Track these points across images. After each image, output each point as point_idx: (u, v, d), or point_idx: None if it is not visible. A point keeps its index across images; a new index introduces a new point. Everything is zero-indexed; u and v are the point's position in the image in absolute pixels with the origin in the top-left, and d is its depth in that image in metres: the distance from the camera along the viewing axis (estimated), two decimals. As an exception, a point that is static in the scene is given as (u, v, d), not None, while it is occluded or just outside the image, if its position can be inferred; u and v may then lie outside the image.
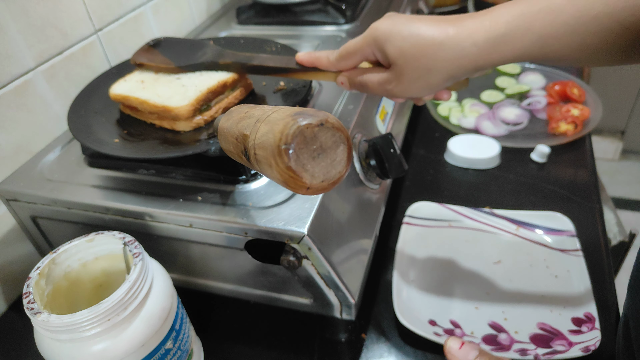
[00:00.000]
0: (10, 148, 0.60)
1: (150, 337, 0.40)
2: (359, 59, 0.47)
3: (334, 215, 0.49)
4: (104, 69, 0.73)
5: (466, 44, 0.40)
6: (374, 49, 0.45)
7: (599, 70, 1.92)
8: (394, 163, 0.54)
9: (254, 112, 0.37)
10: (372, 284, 0.59)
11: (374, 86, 0.47)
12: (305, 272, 0.48)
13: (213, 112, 0.56)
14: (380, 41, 0.43)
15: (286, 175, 0.32)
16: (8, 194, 0.55)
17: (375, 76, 0.46)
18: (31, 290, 0.40)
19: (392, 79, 0.45)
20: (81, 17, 0.68)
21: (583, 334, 0.50)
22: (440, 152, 0.81)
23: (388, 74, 0.45)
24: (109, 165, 0.55)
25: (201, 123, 0.55)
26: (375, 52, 0.45)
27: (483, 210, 0.66)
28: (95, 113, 0.59)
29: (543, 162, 0.76)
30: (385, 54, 0.44)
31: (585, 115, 0.81)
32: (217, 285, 0.57)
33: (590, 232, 0.63)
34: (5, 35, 0.58)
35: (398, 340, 0.53)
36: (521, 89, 0.91)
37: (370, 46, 0.45)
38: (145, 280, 0.41)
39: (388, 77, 0.45)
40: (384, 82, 0.46)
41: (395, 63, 0.43)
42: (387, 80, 0.45)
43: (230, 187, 0.50)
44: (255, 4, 0.87)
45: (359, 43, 0.46)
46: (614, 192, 2.00)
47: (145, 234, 0.51)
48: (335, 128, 0.32)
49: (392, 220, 0.68)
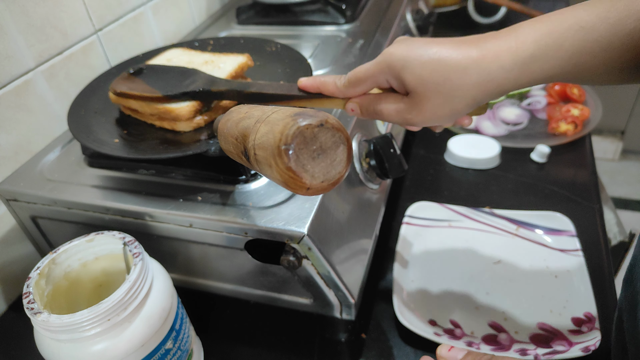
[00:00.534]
0: (10, 148, 0.60)
1: (150, 337, 0.40)
2: (370, 86, 0.43)
3: (334, 215, 0.49)
4: (104, 69, 0.73)
5: (493, 67, 0.38)
6: (388, 77, 0.41)
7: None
8: (394, 163, 0.54)
9: (254, 112, 0.37)
10: (372, 284, 0.59)
11: (390, 115, 0.43)
12: (305, 272, 0.48)
13: (213, 113, 0.55)
14: (397, 68, 0.40)
15: (286, 175, 0.32)
16: (8, 194, 0.55)
17: (392, 105, 0.42)
18: (31, 290, 0.40)
19: (412, 108, 0.41)
20: (81, 17, 0.68)
21: (583, 334, 0.50)
22: (440, 152, 0.81)
23: (407, 102, 0.42)
24: (109, 165, 0.55)
25: (201, 123, 0.54)
26: (390, 79, 0.42)
27: (483, 210, 0.66)
28: (95, 113, 0.59)
29: (543, 162, 0.76)
30: (403, 82, 0.40)
31: (585, 115, 0.81)
32: (217, 285, 0.57)
33: (590, 232, 0.63)
34: (5, 35, 0.58)
35: (398, 340, 0.53)
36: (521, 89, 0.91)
37: (384, 73, 0.41)
38: (145, 280, 0.41)
39: (407, 106, 0.42)
40: (402, 111, 0.42)
41: (415, 91, 0.40)
42: (406, 110, 0.42)
43: (230, 187, 0.50)
44: (255, 4, 0.87)
45: (370, 69, 0.42)
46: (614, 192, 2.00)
47: (145, 234, 0.51)
48: (335, 128, 0.32)
49: (392, 220, 0.68)
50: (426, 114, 0.41)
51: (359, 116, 0.45)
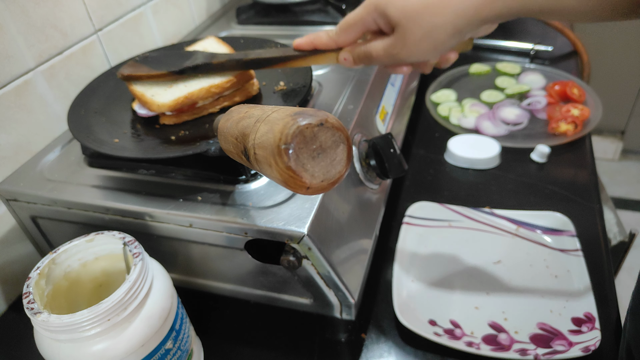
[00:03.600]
0: (10, 148, 0.60)
1: (150, 337, 0.40)
2: (360, 30, 0.47)
3: (334, 215, 0.49)
4: (104, 69, 0.73)
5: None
6: (375, 16, 0.44)
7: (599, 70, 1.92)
8: (394, 163, 0.54)
9: (254, 112, 0.37)
10: (372, 284, 0.59)
11: (379, 54, 0.46)
12: (305, 272, 0.48)
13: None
14: (381, 6, 0.43)
15: (286, 175, 0.31)
16: (8, 194, 0.55)
17: (379, 43, 0.45)
18: (31, 290, 0.40)
19: (397, 43, 0.44)
20: (81, 17, 0.68)
21: (583, 334, 0.50)
22: (440, 152, 0.81)
23: (392, 38, 0.44)
24: (109, 165, 0.55)
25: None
26: (376, 18, 0.45)
27: (483, 210, 0.66)
28: (95, 113, 0.59)
29: (543, 162, 0.76)
30: (388, 17, 0.43)
31: (585, 115, 0.81)
32: (217, 285, 0.57)
33: (590, 232, 0.63)
34: (5, 35, 0.58)
35: (398, 340, 0.53)
36: (521, 89, 0.91)
37: (370, 13, 0.45)
38: (145, 280, 0.41)
39: (393, 42, 0.44)
40: (388, 47, 0.45)
41: (399, 24, 0.43)
42: (392, 45, 0.45)
43: (230, 187, 0.50)
44: (255, 4, 0.87)
45: (359, 13, 0.46)
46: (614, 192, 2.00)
47: (145, 234, 0.51)
48: (335, 128, 0.32)
49: (392, 220, 0.68)
50: (411, 47, 0.44)
51: (351, 65, 0.49)
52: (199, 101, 0.56)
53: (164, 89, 0.56)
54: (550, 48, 1.03)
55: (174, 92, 0.55)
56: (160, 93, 0.55)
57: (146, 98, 0.54)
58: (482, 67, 1.00)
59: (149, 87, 0.56)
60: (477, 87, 0.94)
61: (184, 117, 0.56)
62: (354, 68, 0.55)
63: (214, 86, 0.55)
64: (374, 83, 0.65)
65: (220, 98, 0.57)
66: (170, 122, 0.56)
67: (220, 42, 0.65)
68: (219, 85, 0.55)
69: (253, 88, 0.59)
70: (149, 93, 0.55)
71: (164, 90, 0.55)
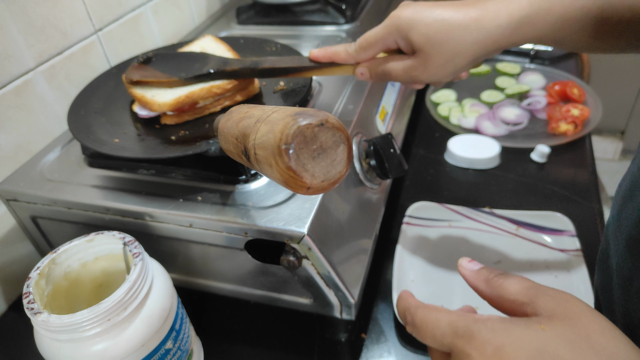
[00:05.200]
0: (10, 148, 0.60)
1: (150, 337, 0.40)
2: (380, 49, 0.48)
3: (334, 215, 0.49)
4: (104, 69, 0.73)
5: (491, 26, 0.42)
6: (396, 38, 0.45)
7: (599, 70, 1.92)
8: (394, 163, 0.54)
9: (254, 112, 0.37)
10: (372, 284, 0.59)
11: (397, 74, 0.47)
12: (305, 272, 0.48)
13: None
14: (404, 29, 0.44)
15: (286, 175, 0.31)
16: (8, 194, 0.55)
17: (399, 64, 0.46)
18: (31, 290, 0.40)
19: (418, 66, 0.45)
20: (81, 17, 0.68)
21: (583, 334, 0.50)
22: (440, 152, 0.81)
23: (413, 60, 0.45)
24: (109, 165, 0.55)
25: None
26: (398, 40, 0.45)
27: (483, 210, 0.66)
28: (95, 113, 0.59)
29: (543, 162, 0.76)
30: (410, 42, 0.44)
31: (585, 115, 0.81)
32: (217, 285, 0.57)
33: (590, 232, 0.63)
34: (5, 35, 0.58)
35: (398, 340, 0.53)
36: (521, 89, 0.91)
37: (392, 35, 0.45)
38: (145, 280, 0.41)
39: (413, 64, 0.46)
40: (409, 69, 0.46)
41: (422, 50, 0.44)
42: (412, 67, 0.46)
43: (230, 187, 0.50)
44: (255, 4, 0.87)
45: (380, 32, 0.46)
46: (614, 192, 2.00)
47: (145, 234, 0.51)
48: (336, 128, 0.32)
49: (392, 220, 0.68)
50: (431, 71, 0.45)
51: (367, 79, 0.50)
52: (200, 101, 0.56)
53: (164, 89, 0.56)
54: (550, 48, 1.03)
55: (174, 91, 0.55)
56: (161, 93, 0.55)
57: (147, 99, 0.54)
58: (482, 67, 1.00)
59: (148, 89, 0.56)
60: (477, 87, 0.94)
61: (185, 117, 0.56)
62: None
63: (215, 86, 0.55)
64: (374, 83, 0.65)
65: (221, 98, 0.57)
66: (171, 122, 0.56)
67: (218, 41, 0.65)
68: (221, 85, 0.55)
69: (254, 87, 0.59)
70: (149, 94, 0.55)
71: (164, 90, 0.55)
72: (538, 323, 0.25)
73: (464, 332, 0.27)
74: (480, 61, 0.47)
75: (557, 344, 0.24)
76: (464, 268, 0.34)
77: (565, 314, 0.26)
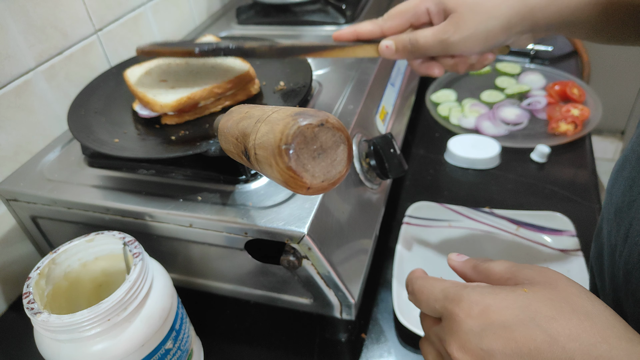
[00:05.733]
0: (10, 148, 0.60)
1: (150, 337, 0.40)
2: (410, 18, 0.47)
3: (334, 215, 0.49)
4: (104, 69, 0.73)
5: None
6: (429, 4, 0.45)
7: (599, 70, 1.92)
8: (394, 163, 0.54)
9: (254, 112, 0.37)
10: (372, 284, 0.59)
11: (427, 40, 0.46)
12: (305, 272, 0.48)
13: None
14: None
15: (286, 175, 0.31)
16: (8, 194, 0.55)
17: (429, 30, 0.46)
18: (31, 290, 0.40)
19: (449, 28, 0.44)
20: (81, 17, 0.68)
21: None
22: (440, 152, 0.81)
23: (445, 23, 0.45)
24: (109, 165, 0.55)
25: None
26: (430, 6, 0.45)
27: (483, 210, 0.66)
28: (95, 113, 0.59)
29: (543, 162, 0.76)
30: (444, 4, 0.44)
31: (585, 115, 0.81)
32: (217, 285, 0.57)
33: (590, 232, 0.63)
34: (5, 35, 0.58)
35: (398, 340, 0.53)
36: (521, 89, 0.91)
37: (425, 1, 0.45)
38: (145, 280, 0.41)
39: (445, 27, 0.45)
40: (439, 32, 0.45)
41: (456, 10, 0.44)
42: (443, 30, 0.45)
43: (230, 187, 0.50)
44: (255, 4, 0.87)
45: (411, 1, 0.46)
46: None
47: (145, 234, 0.51)
48: (336, 128, 0.32)
49: (392, 220, 0.68)
50: (464, 34, 0.44)
51: (392, 54, 0.48)
52: (201, 101, 0.56)
53: (165, 90, 0.56)
54: (550, 48, 1.03)
55: (176, 92, 0.55)
56: (162, 93, 0.55)
57: (148, 99, 0.54)
58: (482, 67, 1.00)
59: (150, 88, 0.56)
60: (477, 87, 0.94)
61: (185, 117, 0.56)
62: (359, 68, 0.54)
63: (216, 87, 0.55)
64: (374, 83, 0.65)
65: (222, 98, 0.57)
66: (171, 122, 0.56)
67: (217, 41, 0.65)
68: (221, 85, 0.55)
69: (254, 87, 0.59)
70: (151, 94, 0.55)
71: (165, 90, 0.55)
72: (521, 288, 0.28)
73: (454, 297, 0.29)
74: (510, 36, 0.45)
75: (538, 302, 0.27)
76: (453, 260, 0.36)
77: (545, 281, 0.28)
